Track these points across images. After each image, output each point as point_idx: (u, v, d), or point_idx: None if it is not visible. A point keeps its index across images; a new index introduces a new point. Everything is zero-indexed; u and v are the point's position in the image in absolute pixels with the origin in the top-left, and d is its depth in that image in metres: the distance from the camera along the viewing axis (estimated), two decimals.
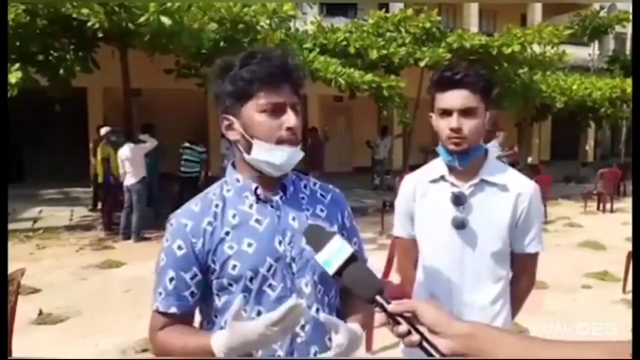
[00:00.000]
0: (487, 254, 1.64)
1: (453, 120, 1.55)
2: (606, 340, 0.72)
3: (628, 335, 0.72)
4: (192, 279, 1.18)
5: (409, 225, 1.79)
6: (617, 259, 5.61)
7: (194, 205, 1.24)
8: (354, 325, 1.19)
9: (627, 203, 10.92)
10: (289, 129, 1.15)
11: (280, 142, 1.16)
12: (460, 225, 1.62)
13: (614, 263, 5.69)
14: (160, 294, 1.19)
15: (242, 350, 1.06)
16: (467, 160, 1.61)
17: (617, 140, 20.75)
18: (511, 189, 1.64)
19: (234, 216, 1.21)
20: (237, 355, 1.11)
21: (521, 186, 1.65)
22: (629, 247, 5.46)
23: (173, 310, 1.18)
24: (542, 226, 1.73)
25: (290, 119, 1.16)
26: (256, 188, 1.22)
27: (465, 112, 1.55)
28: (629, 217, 8.51)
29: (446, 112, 1.57)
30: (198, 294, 1.20)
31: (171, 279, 1.18)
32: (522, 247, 1.68)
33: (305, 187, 1.32)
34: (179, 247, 1.18)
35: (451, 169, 1.66)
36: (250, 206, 1.22)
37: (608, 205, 10.56)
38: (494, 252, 1.64)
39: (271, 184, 1.23)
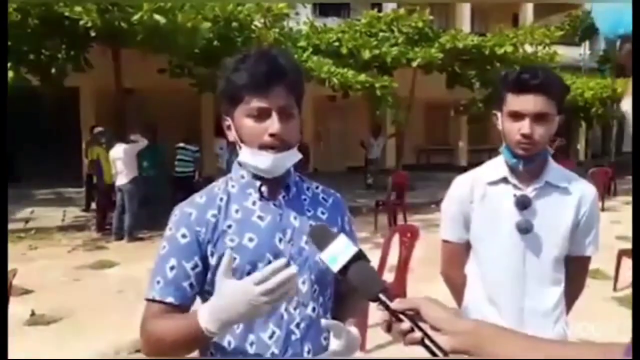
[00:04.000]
0: (550, 258, 1.61)
1: (525, 126, 1.50)
2: (606, 342, 0.73)
3: (620, 333, 0.73)
4: (193, 269, 1.17)
5: (462, 229, 1.71)
6: (608, 257, 5.62)
7: (199, 197, 1.25)
8: (352, 329, 1.20)
9: (617, 202, 11.02)
10: (271, 135, 1.15)
11: (262, 147, 1.16)
12: (525, 229, 1.57)
13: (605, 261, 5.71)
14: (158, 282, 1.16)
15: (229, 318, 1.01)
16: (533, 164, 1.57)
17: (608, 140, 20.90)
18: (573, 192, 1.62)
19: (237, 211, 1.22)
20: (224, 332, 1.07)
21: (583, 189, 1.64)
22: (619, 245, 5.52)
23: (170, 300, 1.15)
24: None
25: (274, 125, 1.14)
26: (260, 186, 1.24)
27: (538, 118, 1.50)
28: (619, 215, 8.59)
29: (518, 116, 1.52)
30: (197, 288, 1.19)
31: (172, 268, 1.16)
32: (580, 250, 1.66)
33: (307, 189, 1.34)
34: (183, 236, 1.18)
35: (513, 171, 1.62)
36: (254, 203, 1.23)
37: (599, 204, 10.61)
38: (555, 256, 1.61)
39: (275, 183, 1.25)
